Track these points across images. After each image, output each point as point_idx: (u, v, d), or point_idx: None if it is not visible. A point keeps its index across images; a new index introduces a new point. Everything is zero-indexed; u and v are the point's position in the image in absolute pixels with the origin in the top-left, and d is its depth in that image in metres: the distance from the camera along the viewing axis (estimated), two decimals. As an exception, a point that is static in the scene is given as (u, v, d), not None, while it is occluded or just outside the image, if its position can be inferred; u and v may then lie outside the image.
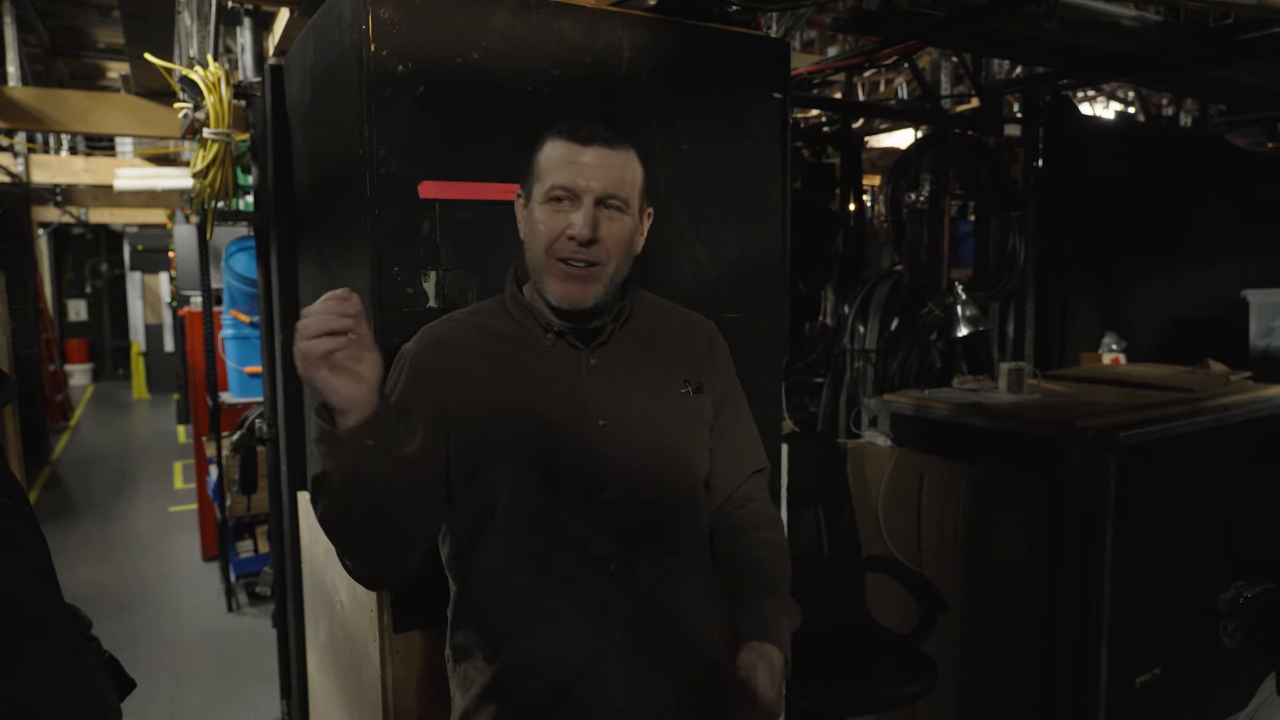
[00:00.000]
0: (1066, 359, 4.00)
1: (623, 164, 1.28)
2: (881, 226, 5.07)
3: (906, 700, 2.47)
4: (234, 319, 4.74)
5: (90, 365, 14.01)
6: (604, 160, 1.26)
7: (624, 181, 1.28)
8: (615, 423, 1.30)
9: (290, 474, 2.39)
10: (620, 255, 1.29)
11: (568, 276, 1.27)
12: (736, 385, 1.48)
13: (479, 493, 1.29)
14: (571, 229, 1.25)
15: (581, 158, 1.26)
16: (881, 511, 2.92)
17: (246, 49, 2.59)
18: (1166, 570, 2.61)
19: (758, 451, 1.49)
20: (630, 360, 1.36)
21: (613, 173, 1.26)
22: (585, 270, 1.27)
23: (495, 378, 1.31)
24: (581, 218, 1.25)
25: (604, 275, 1.28)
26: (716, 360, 1.45)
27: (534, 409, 1.29)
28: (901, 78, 7.00)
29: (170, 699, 3.57)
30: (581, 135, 1.27)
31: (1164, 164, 4.31)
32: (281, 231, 2.33)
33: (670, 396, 1.37)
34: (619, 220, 1.28)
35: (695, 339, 1.44)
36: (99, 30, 7.64)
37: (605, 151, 1.26)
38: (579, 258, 1.26)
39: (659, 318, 1.44)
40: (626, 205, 1.28)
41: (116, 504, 6.74)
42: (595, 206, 1.25)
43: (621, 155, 1.28)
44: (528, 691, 1.29)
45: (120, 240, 13.46)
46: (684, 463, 1.36)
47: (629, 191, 1.28)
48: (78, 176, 7.92)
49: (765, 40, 1.94)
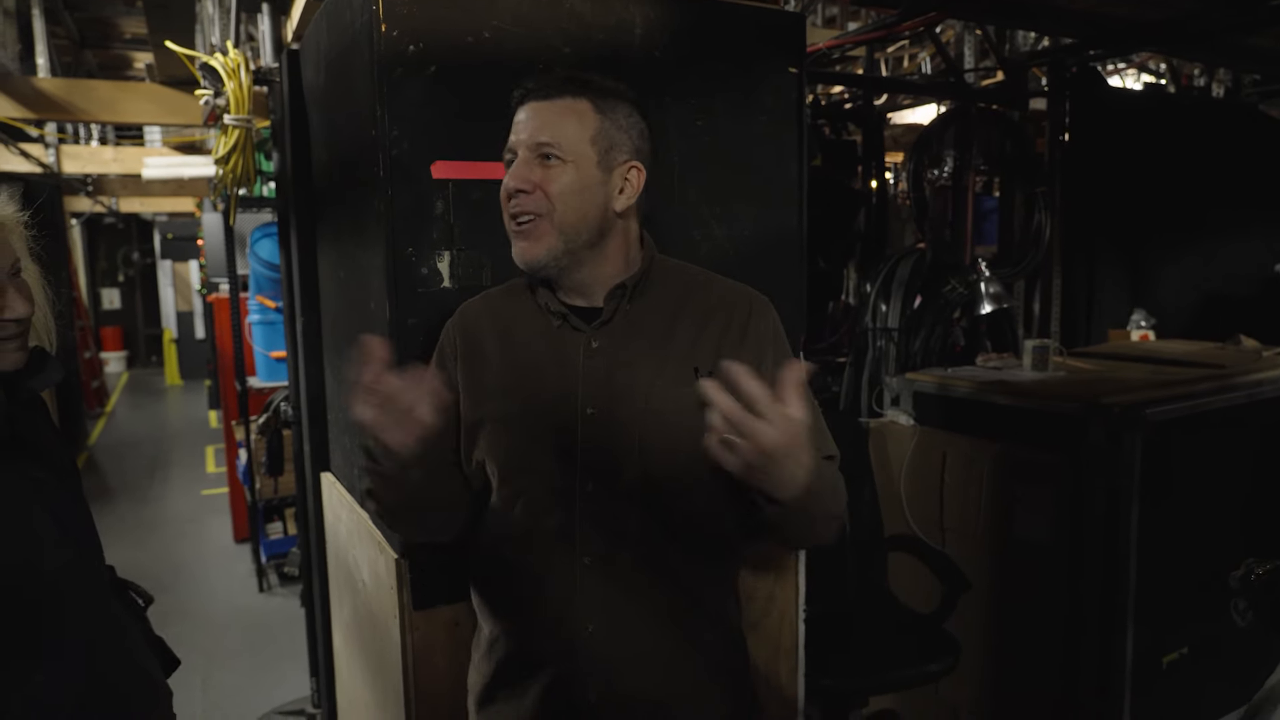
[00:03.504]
0: (1094, 336, 3.94)
1: (559, 112, 1.22)
2: (904, 203, 5.02)
3: (929, 678, 2.46)
4: (260, 304, 4.79)
5: (125, 352, 14.27)
6: (537, 111, 1.23)
7: (559, 128, 1.21)
8: (604, 413, 1.24)
9: (313, 456, 2.42)
10: (569, 206, 1.21)
11: (515, 234, 1.24)
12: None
13: (477, 470, 1.32)
14: (504, 185, 1.23)
15: (521, 117, 1.24)
16: (904, 490, 2.90)
17: (266, 35, 2.61)
18: (1194, 549, 2.57)
19: (824, 437, 1.32)
20: (640, 342, 1.28)
21: (546, 120, 1.21)
22: (527, 224, 1.23)
23: (499, 358, 1.31)
24: (513, 168, 1.23)
25: (550, 228, 1.22)
26: (749, 341, 1.30)
27: (528, 392, 1.27)
28: (925, 52, 6.89)
29: (203, 676, 3.65)
30: (521, 96, 1.25)
31: (1195, 136, 4.21)
32: (301, 216, 2.36)
33: (677, 385, 1.26)
34: (557, 168, 1.21)
35: (720, 318, 1.31)
36: (125, 21, 7.72)
37: (539, 104, 1.23)
38: (517, 210, 1.23)
39: (690, 293, 1.33)
40: (565, 153, 1.21)
41: (151, 487, 6.87)
42: (532, 158, 1.22)
43: (559, 104, 1.22)
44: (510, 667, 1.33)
45: (150, 229, 13.66)
46: (680, 459, 1.24)
47: (567, 138, 1.21)
48: (107, 166, 8.02)
49: (780, 14, 1.91)
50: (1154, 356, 3.07)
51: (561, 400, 1.25)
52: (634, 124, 1.27)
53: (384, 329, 1.60)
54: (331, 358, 2.25)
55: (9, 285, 1.12)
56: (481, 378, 1.31)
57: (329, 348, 2.28)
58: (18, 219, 1.19)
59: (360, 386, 1.09)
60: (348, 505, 2.06)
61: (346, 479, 2.14)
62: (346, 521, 2.08)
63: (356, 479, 2.00)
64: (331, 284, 2.17)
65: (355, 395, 1.10)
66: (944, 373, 2.96)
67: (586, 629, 1.25)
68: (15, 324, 1.11)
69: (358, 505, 1.99)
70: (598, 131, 1.23)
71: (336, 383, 2.20)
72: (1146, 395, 2.48)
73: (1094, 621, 2.44)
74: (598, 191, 1.24)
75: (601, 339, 1.27)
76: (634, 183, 1.27)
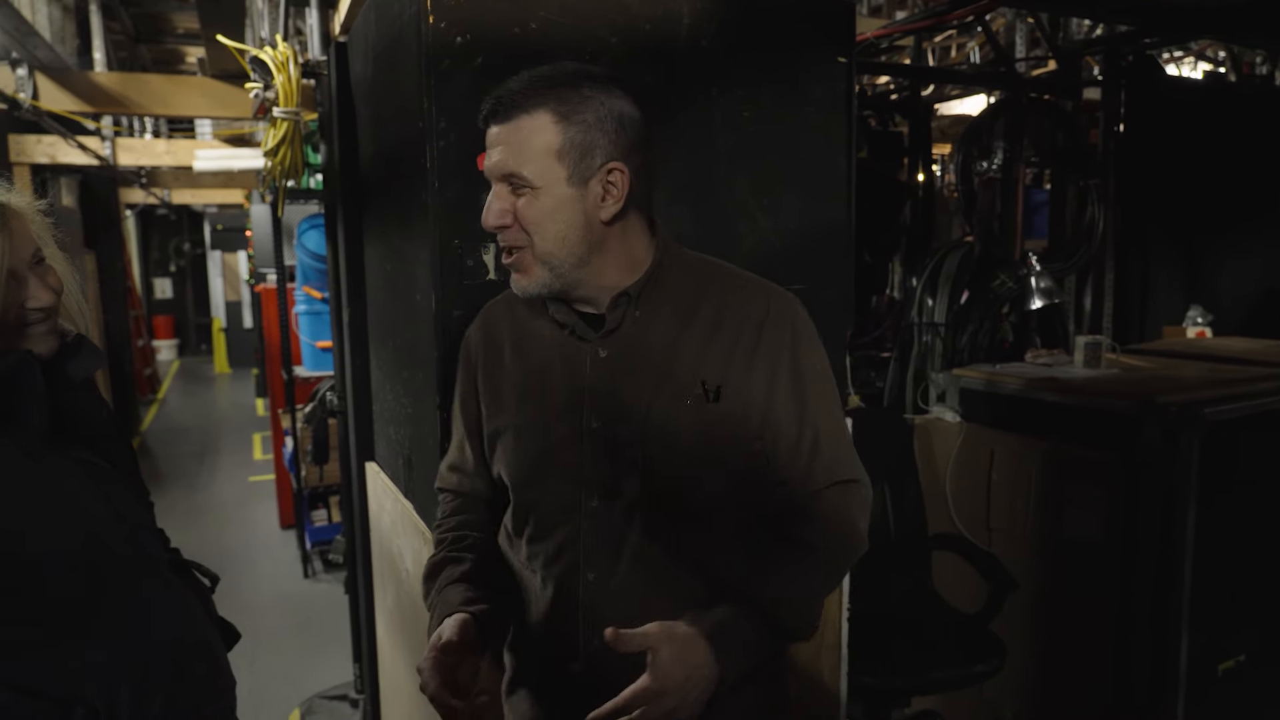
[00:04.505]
0: (1147, 333, 3.84)
1: (518, 133, 1.12)
2: (951, 196, 4.93)
3: (974, 680, 2.42)
4: (306, 295, 4.87)
5: (176, 341, 14.63)
6: (500, 137, 1.14)
7: (523, 152, 1.12)
8: (607, 426, 1.19)
9: (359, 445, 2.45)
10: (545, 235, 1.14)
11: (508, 265, 1.19)
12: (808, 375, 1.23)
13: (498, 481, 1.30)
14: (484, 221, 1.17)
15: (489, 139, 1.16)
16: (950, 488, 2.85)
17: (314, 28, 2.64)
18: (1253, 554, 2.50)
19: (838, 461, 1.24)
20: (645, 352, 1.20)
21: (509, 148, 1.13)
22: (512, 258, 1.18)
23: (515, 366, 1.27)
24: (489, 202, 1.16)
25: (532, 259, 1.16)
26: (763, 349, 1.20)
27: (538, 404, 1.23)
28: (974, 41, 6.76)
29: (250, 660, 3.72)
30: (485, 114, 1.16)
31: (1256, 127, 4.07)
32: (349, 207, 2.38)
33: (679, 398, 1.18)
34: (527, 196, 1.13)
35: (733, 325, 1.21)
36: (177, 16, 7.88)
37: (501, 127, 1.14)
38: (504, 244, 1.17)
39: (705, 295, 1.23)
40: (531, 178, 1.12)
41: (200, 473, 7.03)
42: (503, 188, 1.15)
43: (516, 124, 1.12)
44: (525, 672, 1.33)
45: (201, 220, 13.97)
46: (683, 475, 1.18)
47: (533, 160, 1.12)
48: (160, 159, 8.20)
49: (829, 2, 1.88)
50: (1211, 354, 2.99)
51: (568, 412, 1.21)
52: (609, 116, 1.14)
53: (429, 321, 1.60)
54: (377, 349, 2.28)
55: (30, 275, 1.12)
56: (499, 387, 1.28)
57: (375, 339, 2.30)
58: (35, 207, 1.18)
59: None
60: (391, 495, 2.08)
61: (391, 469, 2.16)
62: (390, 511, 2.10)
63: (401, 469, 2.02)
64: (378, 275, 2.19)
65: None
66: (992, 369, 2.90)
67: (593, 644, 1.19)
68: (41, 312, 1.12)
69: (401, 495, 2.01)
70: (563, 145, 1.12)
71: (382, 373, 2.22)
72: (1204, 394, 2.41)
73: (1146, 625, 2.37)
74: (573, 210, 1.14)
75: (609, 348, 1.21)
76: (619, 185, 1.15)
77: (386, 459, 2.22)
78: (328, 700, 3.29)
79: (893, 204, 4.09)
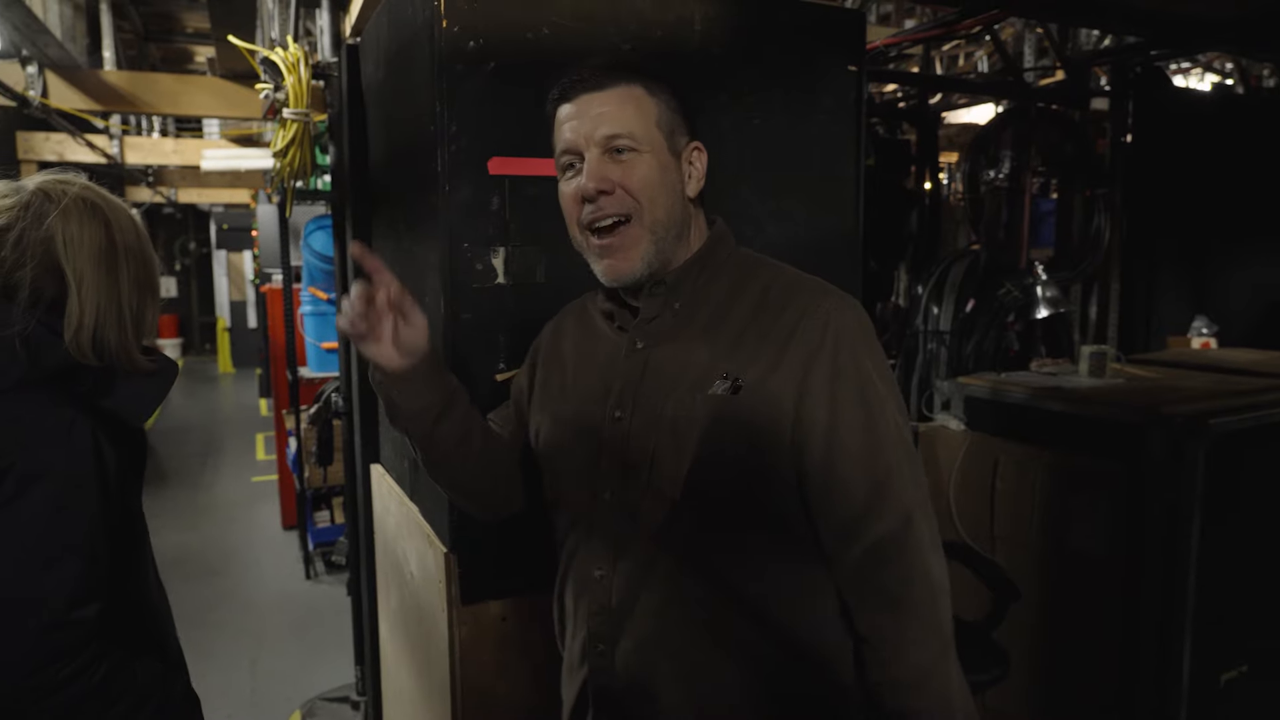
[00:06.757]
0: (1153, 343, 3.84)
1: (619, 100, 1.12)
2: (958, 204, 4.93)
3: (976, 689, 2.41)
4: (312, 296, 4.87)
5: (180, 340, 14.65)
6: (593, 104, 1.12)
7: (625, 117, 1.12)
8: (627, 418, 1.16)
9: (363, 447, 2.45)
10: (656, 199, 1.12)
11: (603, 251, 1.14)
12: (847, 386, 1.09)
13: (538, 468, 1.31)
14: (582, 189, 1.13)
15: (572, 113, 1.14)
16: (954, 496, 2.85)
17: (325, 30, 2.65)
18: (1258, 565, 2.49)
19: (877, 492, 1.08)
20: (676, 343, 1.16)
21: (606, 112, 1.12)
22: (616, 233, 1.13)
23: (573, 359, 1.28)
24: (587, 169, 1.12)
25: (640, 231, 1.12)
26: (794, 347, 1.09)
27: (580, 394, 1.23)
28: (982, 51, 6.77)
29: (252, 660, 3.72)
30: (565, 91, 1.15)
31: (1263, 139, 4.08)
32: (357, 209, 2.39)
33: (696, 390, 1.12)
34: (636, 160, 1.11)
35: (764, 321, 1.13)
36: (187, 15, 7.92)
37: (592, 95, 1.13)
38: (601, 216, 1.12)
39: (743, 289, 1.17)
40: (639, 142, 1.12)
41: (203, 473, 7.04)
42: (603, 155, 1.12)
43: (616, 93, 1.13)
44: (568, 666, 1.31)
45: (207, 219, 13.99)
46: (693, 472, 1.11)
47: (638, 126, 1.12)
48: (168, 158, 8.23)
49: (839, 11, 1.89)
50: (1217, 365, 2.98)
51: (599, 403, 1.19)
52: (681, 105, 1.19)
53: (439, 324, 1.61)
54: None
55: None
56: (552, 379, 1.29)
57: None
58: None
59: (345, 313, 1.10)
60: (397, 497, 2.08)
61: (396, 471, 2.16)
62: (395, 513, 2.10)
63: (407, 472, 2.02)
64: (388, 278, 2.19)
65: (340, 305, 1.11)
66: (997, 377, 2.90)
67: (617, 642, 1.17)
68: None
69: (407, 498, 2.01)
70: (659, 115, 1.14)
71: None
72: (1210, 405, 2.40)
73: (1150, 635, 2.37)
74: (675, 179, 1.15)
75: (645, 339, 1.18)
76: (699, 165, 1.19)
77: (392, 461, 2.22)
78: (329, 702, 3.28)
79: (899, 212, 4.10)
